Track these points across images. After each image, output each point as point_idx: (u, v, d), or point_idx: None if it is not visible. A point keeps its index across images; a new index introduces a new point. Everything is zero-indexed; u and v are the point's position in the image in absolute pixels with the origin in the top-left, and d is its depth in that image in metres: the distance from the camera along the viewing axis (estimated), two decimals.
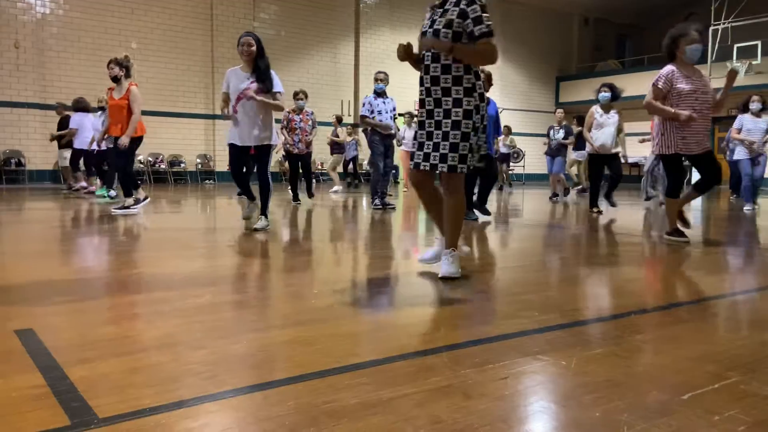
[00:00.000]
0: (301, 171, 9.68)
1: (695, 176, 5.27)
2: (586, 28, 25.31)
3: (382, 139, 8.24)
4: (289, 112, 9.20)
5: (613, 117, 8.27)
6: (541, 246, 5.18)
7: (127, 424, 1.46)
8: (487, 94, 6.78)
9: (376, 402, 1.61)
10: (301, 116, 9.21)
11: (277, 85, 5.35)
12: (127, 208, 6.98)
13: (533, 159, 21.20)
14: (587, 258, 4.49)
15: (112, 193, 9.42)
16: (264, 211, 5.54)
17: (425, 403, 1.61)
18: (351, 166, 15.32)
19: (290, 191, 9.68)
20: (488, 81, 6.76)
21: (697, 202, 11.19)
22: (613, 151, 8.26)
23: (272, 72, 5.37)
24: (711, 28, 18.59)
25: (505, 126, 16.49)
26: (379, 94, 8.22)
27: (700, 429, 1.49)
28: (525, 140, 20.81)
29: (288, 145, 9.21)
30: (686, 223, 5.26)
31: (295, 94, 9.30)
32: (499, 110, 7.91)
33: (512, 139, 16.66)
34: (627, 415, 1.55)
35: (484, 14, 3.20)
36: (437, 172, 3.39)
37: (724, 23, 18.36)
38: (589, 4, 23.94)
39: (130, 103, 6.90)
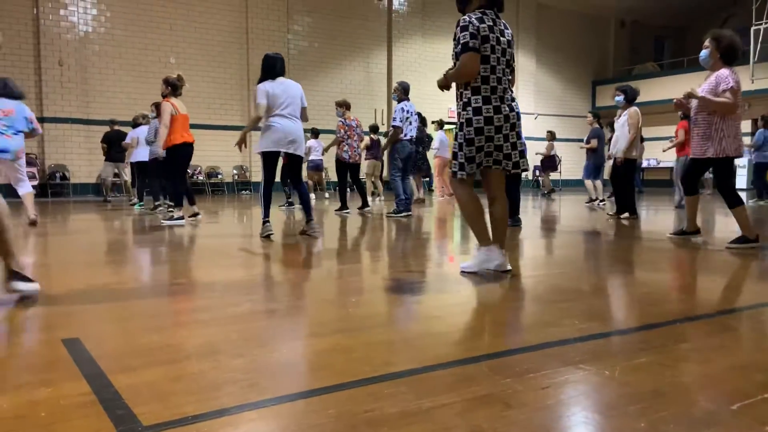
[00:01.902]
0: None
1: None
2: (622, 30, 24.92)
3: None
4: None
5: (621, 120, 8.04)
6: (579, 252, 5.10)
7: (171, 431, 1.49)
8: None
9: (416, 411, 1.60)
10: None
11: (257, 99, 5.64)
12: (176, 219, 7.27)
13: (569, 165, 20.94)
14: (628, 265, 4.40)
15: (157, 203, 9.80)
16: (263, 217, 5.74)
17: (465, 412, 1.60)
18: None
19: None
20: None
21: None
22: (618, 155, 8.00)
23: (258, 86, 5.67)
24: (753, 29, 18.13)
25: (548, 131, 16.37)
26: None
27: None
28: (561, 146, 20.51)
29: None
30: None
31: None
32: (536, 116, 7.81)
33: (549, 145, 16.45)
34: (673, 426, 1.51)
35: (462, 33, 3.50)
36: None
37: (766, 23, 17.88)
38: (625, 7, 23.59)
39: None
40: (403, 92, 8.45)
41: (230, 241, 5.64)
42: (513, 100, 3.68)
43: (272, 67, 5.74)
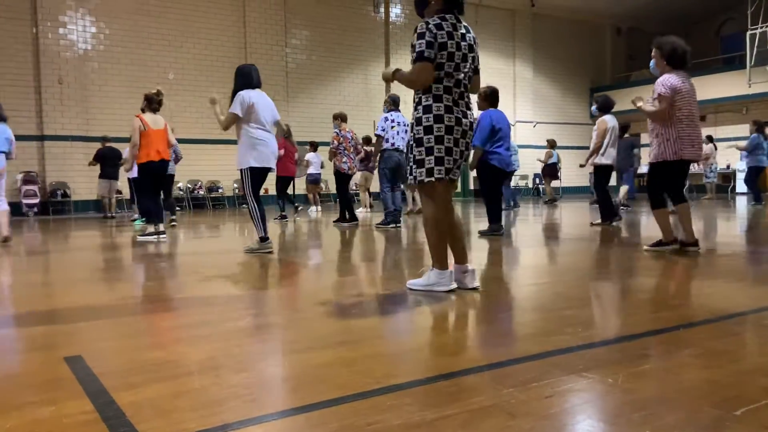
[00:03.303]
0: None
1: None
2: (619, 37, 25.04)
3: None
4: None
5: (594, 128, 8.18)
6: (579, 260, 5.10)
7: None
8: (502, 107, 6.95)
9: (419, 423, 1.60)
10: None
11: (232, 107, 5.46)
12: (147, 235, 7.20)
13: (569, 172, 20.93)
14: (629, 271, 4.39)
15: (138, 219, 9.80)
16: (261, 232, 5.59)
17: (469, 423, 1.59)
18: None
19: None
20: (486, 99, 6.95)
21: (740, 211, 10.91)
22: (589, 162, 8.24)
23: (241, 93, 5.46)
24: (748, 33, 18.20)
25: (548, 140, 16.44)
26: None
27: None
28: (560, 153, 20.54)
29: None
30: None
31: None
32: (534, 124, 7.81)
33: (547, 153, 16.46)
34: None
35: (418, 41, 3.33)
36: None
37: (761, 27, 17.95)
38: (621, 14, 23.70)
39: None
40: (392, 103, 8.48)
41: (230, 256, 5.63)
42: (469, 108, 3.49)
43: (249, 76, 5.57)
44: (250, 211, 5.61)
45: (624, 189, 11.71)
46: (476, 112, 5.39)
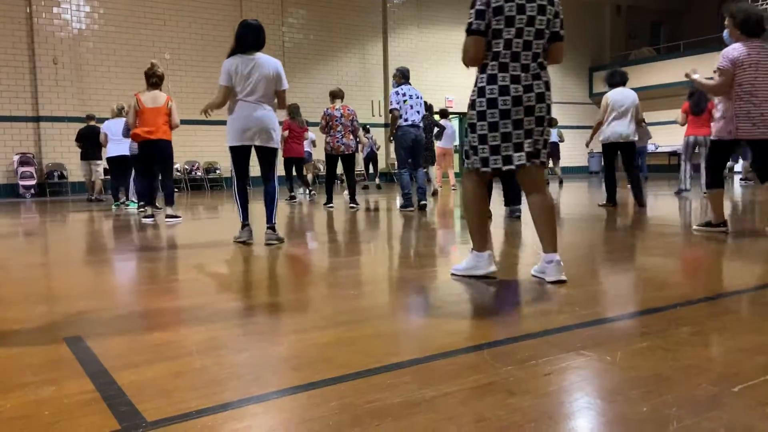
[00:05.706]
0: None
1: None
2: (618, 16, 24.85)
3: None
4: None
5: None
6: (580, 239, 5.10)
7: (175, 426, 1.49)
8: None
9: (419, 401, 1.61)
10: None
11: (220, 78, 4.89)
12: (146, 217, 7.25)
13: (569, 152, 20.89)
14: (627, 250, 4.40)
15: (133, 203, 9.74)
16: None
17: (468, 401, 1.60)
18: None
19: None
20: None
21: (737, 190, 10.92)
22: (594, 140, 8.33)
23: (224, 63, 4.87)
24: None
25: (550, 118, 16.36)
26: None
27: (752, 421, 1.45)
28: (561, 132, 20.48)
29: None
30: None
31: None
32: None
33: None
34: (676, 410, 1.52)
35: (470, 11, 3.09)
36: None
37: (761, 4, 17.81)
38: None
39: None
40: (401, 77, 7.97)
41: (227, 237, 5.63)
42: (537, 77, 3.11)
43: (242, 38, 4.85)
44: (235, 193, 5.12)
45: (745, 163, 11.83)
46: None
